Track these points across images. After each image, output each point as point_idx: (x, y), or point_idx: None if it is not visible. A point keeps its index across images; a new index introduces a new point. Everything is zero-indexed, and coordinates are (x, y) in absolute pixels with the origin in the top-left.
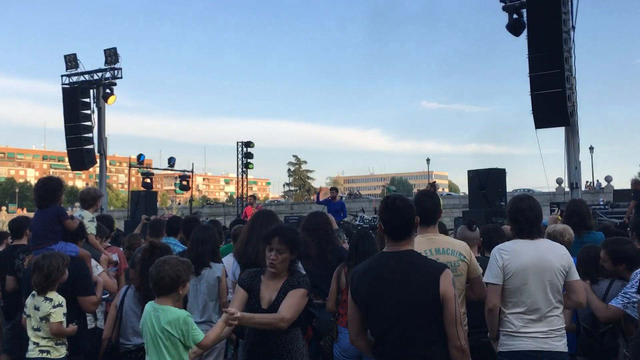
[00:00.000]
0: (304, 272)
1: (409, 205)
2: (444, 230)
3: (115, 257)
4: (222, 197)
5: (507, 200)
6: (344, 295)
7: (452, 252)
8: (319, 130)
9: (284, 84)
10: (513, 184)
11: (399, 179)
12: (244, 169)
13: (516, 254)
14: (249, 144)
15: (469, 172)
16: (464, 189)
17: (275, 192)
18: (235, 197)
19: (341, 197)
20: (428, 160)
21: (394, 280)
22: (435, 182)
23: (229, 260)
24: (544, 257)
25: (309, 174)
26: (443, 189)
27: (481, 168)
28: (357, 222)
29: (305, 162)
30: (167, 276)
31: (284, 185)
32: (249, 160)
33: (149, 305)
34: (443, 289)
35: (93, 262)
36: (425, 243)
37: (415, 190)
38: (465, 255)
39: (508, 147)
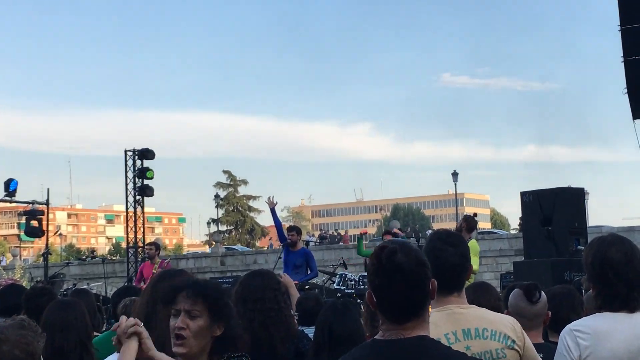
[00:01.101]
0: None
1: (418, 261)
2: (489, 296)
3: None
4: (101, 245)
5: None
6: None
7: (492, 334)
8: (269, 127)
9: (207, 51)
10: (599, 214)
11: (407, 208)
12: (138, 198)
13: (602, 337)
14: (146, 154)
15: (524, 194)
16: (515, 222)
17: (194, 235)
18: (124, 245)
19: (306, 241)
20: (455, 174)
21: None
22: (468, 215)
23: None
24: None
25: (252, 203)
26: (468, 225)
27: (544, 188)
28: (334, 286)
29: (244, 181)
30: None
31: (209, 224)
32: (146, 182)
33: None
34: None
35: None
36: (446, 322)
37: (430, 229)
38: (515, 339)
39: (589, 151)
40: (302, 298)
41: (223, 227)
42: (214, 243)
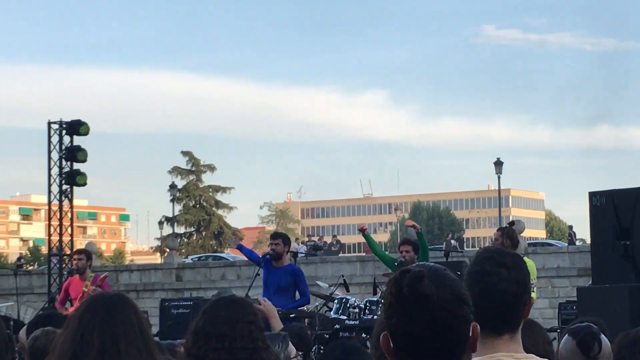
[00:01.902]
0: None
1: (454, 295)
2: (534, 337)
3: None
4: (13, 250)
5: None
6: None
7: None
8: (245, 93)
9: None
10: None
11: (431, 208)
12: (65, 187)
13: None
14: (77, 128)
15: (594, 195)
16: (581, 231)
17: (141, 238)
18: (45, 250)
19: (294, 252)
20: (498, 163)
21: None
22: (506, 227)
23: None
24: None
25: (221, 196)
26: (513, 242)
27: (622, 188)
28: (331, 314)
29: (211, 167)
30: None
31: (161, 223)
32: (76, 166)
33: None
34: None
35: None
36: None
37: (465, 237)
38: None
39: None
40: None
41: (181, 229)
42: (167, 250)
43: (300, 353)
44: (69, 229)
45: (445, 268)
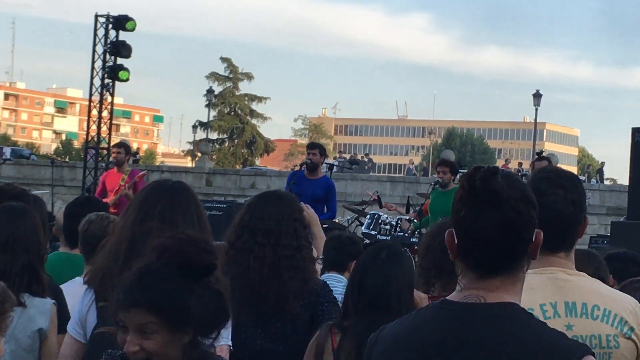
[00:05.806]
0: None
1: (524, 196)
2: (592, 267)
3: None
4: (46, 142)
5: None
6: None
7: (605, 315)
8: (289, 5)
9: None
10: None
11: (465, 136)
12: (107, 81)
13: None
14: (123, 23)
15: (636, 131)
16: (618, 170)
17: (173, 141)
18: (77, 144)
19: (329, 165)
20: (537, 95)
21: None
22: (540, 156)
23: (73, 290)
24: None
25: (256, 106)
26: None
27: None
28: (362, 229)
29: (248, 76)
30: None
31: (195, 127)
32: (119, 62)
33: None
34: None
35: None
36: (545, 288)
37: (501, 165)
38: (635, 327)
39: None
40: (333, 237)
41: (213, 135)
42: (199, 155)
43: (321, 257)
44: (107, 124)
45: (516, 174)
